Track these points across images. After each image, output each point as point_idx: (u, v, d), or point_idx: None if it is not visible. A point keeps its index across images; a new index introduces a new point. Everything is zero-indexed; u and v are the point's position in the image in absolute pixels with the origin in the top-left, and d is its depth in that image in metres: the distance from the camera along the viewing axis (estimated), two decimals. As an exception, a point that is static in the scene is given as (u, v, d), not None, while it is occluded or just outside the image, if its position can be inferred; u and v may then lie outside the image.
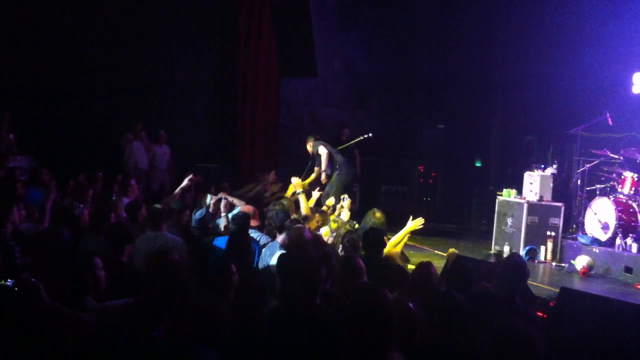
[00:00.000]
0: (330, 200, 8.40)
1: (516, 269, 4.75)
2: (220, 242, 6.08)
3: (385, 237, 6.32)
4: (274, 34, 13.12)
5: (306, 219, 6.98)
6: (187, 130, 13.14)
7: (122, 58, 12.57)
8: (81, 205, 6.32)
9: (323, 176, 10.68)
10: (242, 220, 5.75)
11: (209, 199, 7.35)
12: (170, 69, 13.20)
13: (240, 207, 7.25)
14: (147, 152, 12.34)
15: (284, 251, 5.56)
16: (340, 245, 6.12)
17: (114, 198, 7.90)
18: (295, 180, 7.58)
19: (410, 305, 3.98)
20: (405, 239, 6.99)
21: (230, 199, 7.87)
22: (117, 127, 12.35)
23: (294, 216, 6.72)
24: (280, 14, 13.02)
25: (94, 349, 3.39)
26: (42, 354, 3.44)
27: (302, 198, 7.46)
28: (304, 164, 11.06)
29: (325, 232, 6.86)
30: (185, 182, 7.58)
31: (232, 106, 13.40)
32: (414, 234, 7.52)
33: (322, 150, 10.58)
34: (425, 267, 4.87)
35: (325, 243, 6.43)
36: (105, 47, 12.42)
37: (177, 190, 7.42)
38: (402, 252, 6.98)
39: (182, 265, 3.89)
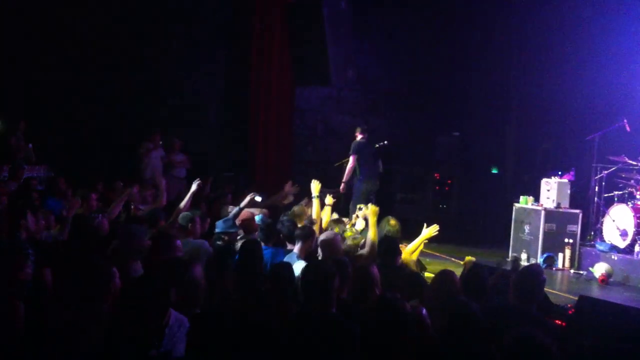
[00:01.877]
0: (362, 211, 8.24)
1: (533, 279, 4.70)
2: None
3: (401, 245, 6.30)
4: (287, 42, 13.14)
5: (312, 223, 6.98)
6: (201, 139, 13.18)
7: (135, 67, 12.65)
8: (100, 215, 6.31)
9: (341, 187, 10.85)
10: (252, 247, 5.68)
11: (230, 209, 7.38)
12: (184, 77, 13.27)
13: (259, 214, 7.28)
14: (162, 161, 12.37)
15: (302, 262, 5.57)
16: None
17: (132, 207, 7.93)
18: (314, 185, 7.52)
19: (424, 312, 3.98)
20: (421, 247, 6.95)
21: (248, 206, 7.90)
22: (133, 135, 12.39)
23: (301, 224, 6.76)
24: (293, 23, 13.05)
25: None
26: None
27: (315, 202, 7.41)
28: (319, 172, 11.07)
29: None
30: (194, 187, 7.56)
31: (246, 114, 13.42)
32: (430, 241, 7.49)
33: (350, 160, 10.70)
34: (448, 275, 4.85)
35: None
36: (119, 56, 12.50)
37: (187, 197, 7.41)
38: (418, 260, 6.95)
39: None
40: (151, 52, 12.90)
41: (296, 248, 6.06)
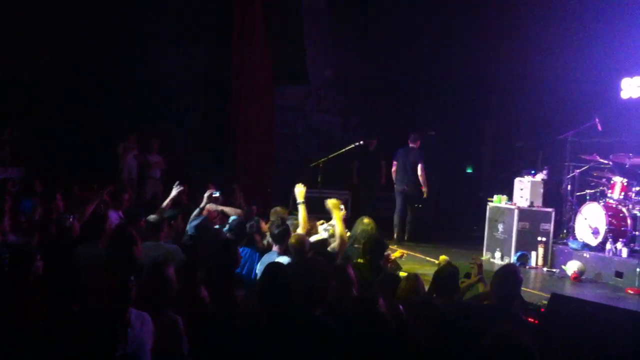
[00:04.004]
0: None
1: (510, 278, 4.80)
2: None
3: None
4: (267, 42, 13.15)
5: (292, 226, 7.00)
6: (180, 138, 13.15)
7: (113, 67, 12.59)
8: (71, 217, 6.30)
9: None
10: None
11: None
12: (163, 76, 13.22)
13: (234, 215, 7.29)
14: (138, 161, 12.33)
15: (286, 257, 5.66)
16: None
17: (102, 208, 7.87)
18: (298, 190, 7.38)
19: (401, 308, 4.04)
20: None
21: (220, 207, 7.92)
22: (110, 135, 12.32)
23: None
24: (272, 22, 13.07)
25: None
26: None
27: (301, 208, 7.27)
28: (300, 171, 11.13)
29: (316, 240, 6.90)
30: (174, 192, 7.50)
31: (225, 113, 13.40)
32: (407, 240, 7.56)
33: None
34: (412, 280, 4.92)
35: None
36: (97, 56, 12.45)
37: (167, 201, 7.39)
38: (394, 260, 7.02)
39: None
40: (129, 51, 12.84)
41: (276, 248, 6.21)
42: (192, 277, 4.89)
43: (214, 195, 7.50)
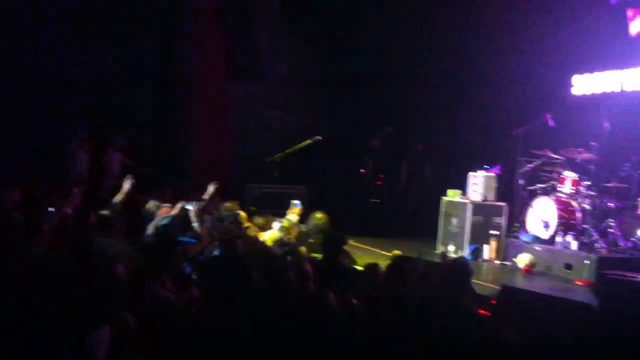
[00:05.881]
0: None
1: (460, 271, 4.87)
2: None
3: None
4: (221, 37, 13.06)
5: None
6: (130, 134, 12.96)
7: (61, 59, 12.35)
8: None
9: None
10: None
11: (151, 206, 7.29)
12: (113, 71, 13.00)
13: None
14: (91, 158, 12.11)
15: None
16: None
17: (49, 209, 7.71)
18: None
19: (354, 302, 4.07)
20: None
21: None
22: (59, 132, 12.09)
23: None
24: (226, 17, 12.98)
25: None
26: None
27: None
28: (252, 168, 11.08)
29: (271, 236, 6.90)
30: (127, 186, 7.44)
31: (178, 110, 13.26)
32: (362, 235, 7.61)
33: None
34: (372, 268, 4.97)
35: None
36: (47, 49, 12.20)
37: (118, 197, 7.30)
38: (348, 253, 7.05)
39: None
40: (80, 45, 12.62)
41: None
42: (144, 275, 4.85)
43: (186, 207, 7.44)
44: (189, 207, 7.14)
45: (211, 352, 3.77)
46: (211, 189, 7.23)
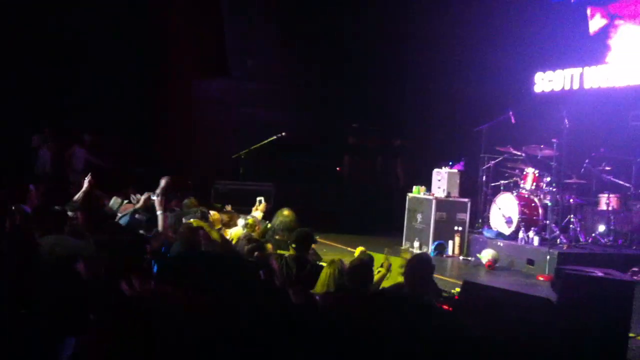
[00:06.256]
0: None
1: (422, 267, 4.93)
2: None
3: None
4: (187, 33, 12.97)
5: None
6: (99, 132, 12.82)
7: (32, 57, 12.20)
8: None
9: None
10: None
11: (113, 202, 7.24)
12: (81, 68, 12.86)
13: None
14: (55, 154, 11.96)
15: None
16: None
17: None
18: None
19: (317, 298, 4.10)
20: None
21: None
22: (27, 129, 11.94)
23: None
24: (191, 13, 12.90)
25: None
26: None
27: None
28: (222, 165, 11.02)
29: (235, 233, 6.90)
30: (86, 184, 7.36)
31: (143, 107, 13.14)
32: (328, 232, 7.62)
33: None
34: (335, 265, 5.01)
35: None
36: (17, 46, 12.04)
37: (79, 194, 7.23)
38: (313, 250, 7.07)
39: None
40: (48, 43, 12.46)
41: None
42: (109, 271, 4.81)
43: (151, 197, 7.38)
44: (154, 197, 7.15)
45: (180, 350, 3.76)
46: (162, 182, 7.15)
